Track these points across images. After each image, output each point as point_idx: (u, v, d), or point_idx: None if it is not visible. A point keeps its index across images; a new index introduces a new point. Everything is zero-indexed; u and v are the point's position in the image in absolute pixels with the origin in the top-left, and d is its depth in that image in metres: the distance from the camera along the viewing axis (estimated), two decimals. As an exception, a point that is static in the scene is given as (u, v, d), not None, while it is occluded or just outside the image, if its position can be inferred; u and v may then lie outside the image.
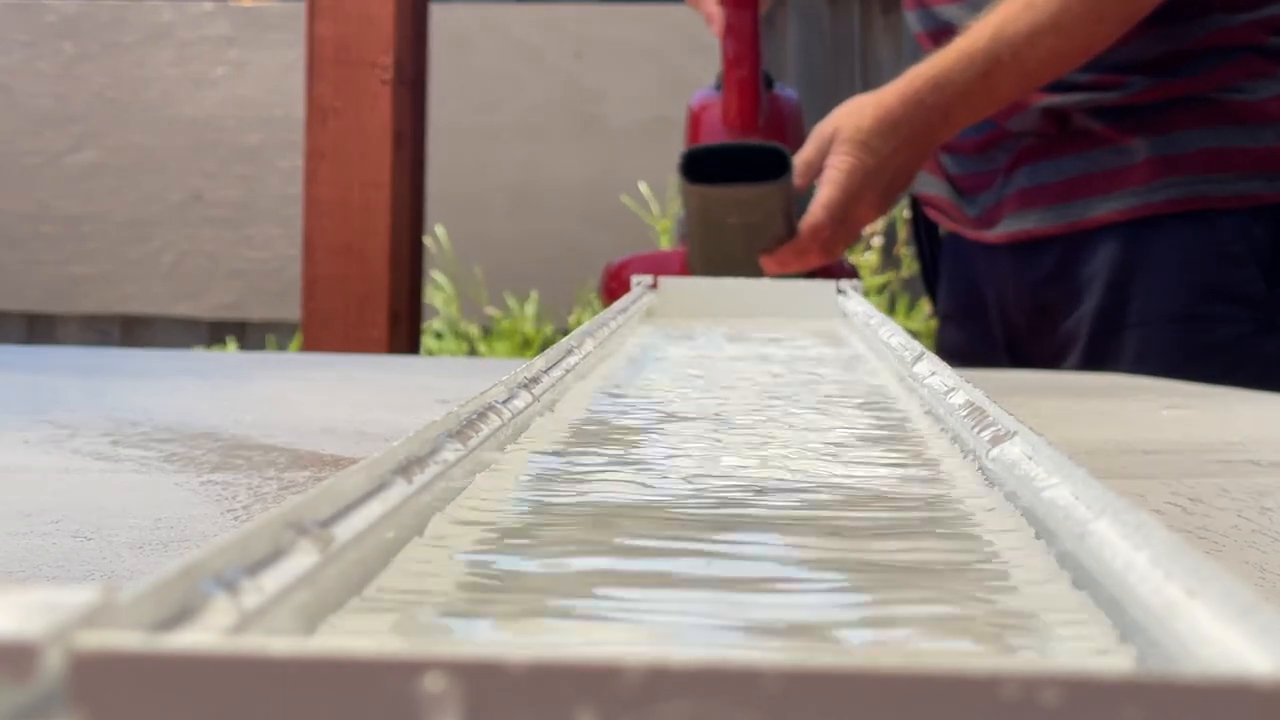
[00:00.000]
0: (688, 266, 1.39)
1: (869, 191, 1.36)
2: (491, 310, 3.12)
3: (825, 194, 1.36)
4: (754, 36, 1.46)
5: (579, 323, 3.02)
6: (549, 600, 0.36)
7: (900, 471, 0.54)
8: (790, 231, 1.35)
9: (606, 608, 0.35)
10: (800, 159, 1.38)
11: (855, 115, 1.37)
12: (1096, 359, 1.39)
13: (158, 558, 0.53)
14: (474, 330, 3.16)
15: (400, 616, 0.34)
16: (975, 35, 1.34)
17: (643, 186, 3.09)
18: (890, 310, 3.00)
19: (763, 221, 1.35)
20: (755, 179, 1.35)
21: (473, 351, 3.15)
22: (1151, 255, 1.39)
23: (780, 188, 1.34)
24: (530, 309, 3.10)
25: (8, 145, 3.32)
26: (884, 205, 1.40)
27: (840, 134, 1.37)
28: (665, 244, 2.98)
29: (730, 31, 1.46)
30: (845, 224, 1.37)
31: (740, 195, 1.35)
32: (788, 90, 1.56)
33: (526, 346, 3.07)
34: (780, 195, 1.35)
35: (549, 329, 3.11)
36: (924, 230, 1.63)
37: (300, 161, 1.97)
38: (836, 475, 0.53)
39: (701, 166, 1.36)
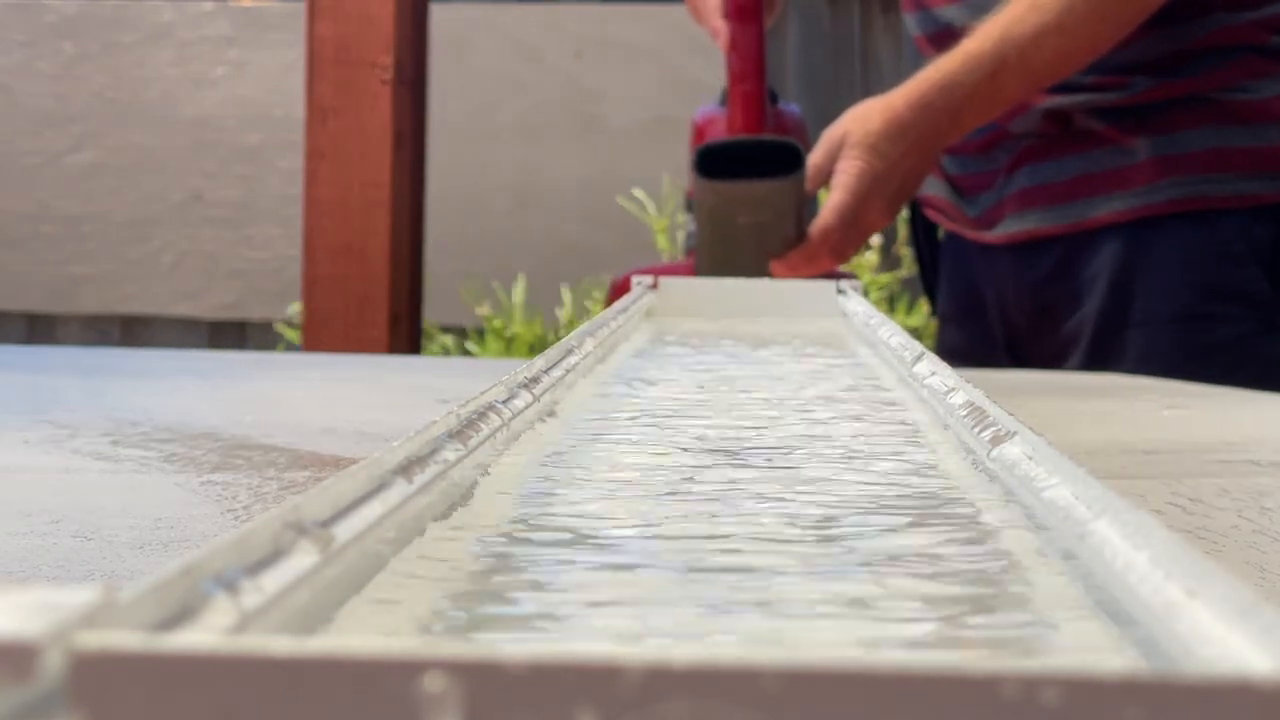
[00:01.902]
0: (696, 272, 1.39)
1: (878, 196, 1.36)
2: (482, 310, 3.11)
3: (835, 198, 1.36)
4: (759, 51, 1.46)
5: (571, 322, 3.01)
6: None
7: None
8: (800, 235, 1.35)
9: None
10: (809, 164, 1.38)
11: (864, 120, 1.37)
12: (1098, 359, 1.39)
13: (158, 558, 0.53)
14: (460, 335, 3.16)
15: None
16: (981, 38, 1.34)
17: (637, 192, 3.08)
18: (889, 310, 3.00)
19: (773, 222, 1.35)
20: (769, 173, 1.35)
21: (465, 354, 3.14)
22: (1153, 255, 1.39)
23: (793, 184, 1.34)
24: (517, 307, 3.09)
25: (8, 145, 3.32)
26: (893, 209, 1.40)
27: (849, 138, 1.37)
28: (663, 243, 2.98)
29: (735, 46, 1.46)
30: (855, 228, 1.37)
31: (753, 191, 1.35)
32: (791, 105, 1.56)
33: (521, 347, 3.06)
34: (792, 192, 1.35)
35: (545, 329, 3.10)
36: (922, 231, 1.63)
37: (300, 161, 1.97)
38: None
39: (714, 166, 1.36)
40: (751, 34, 1.45)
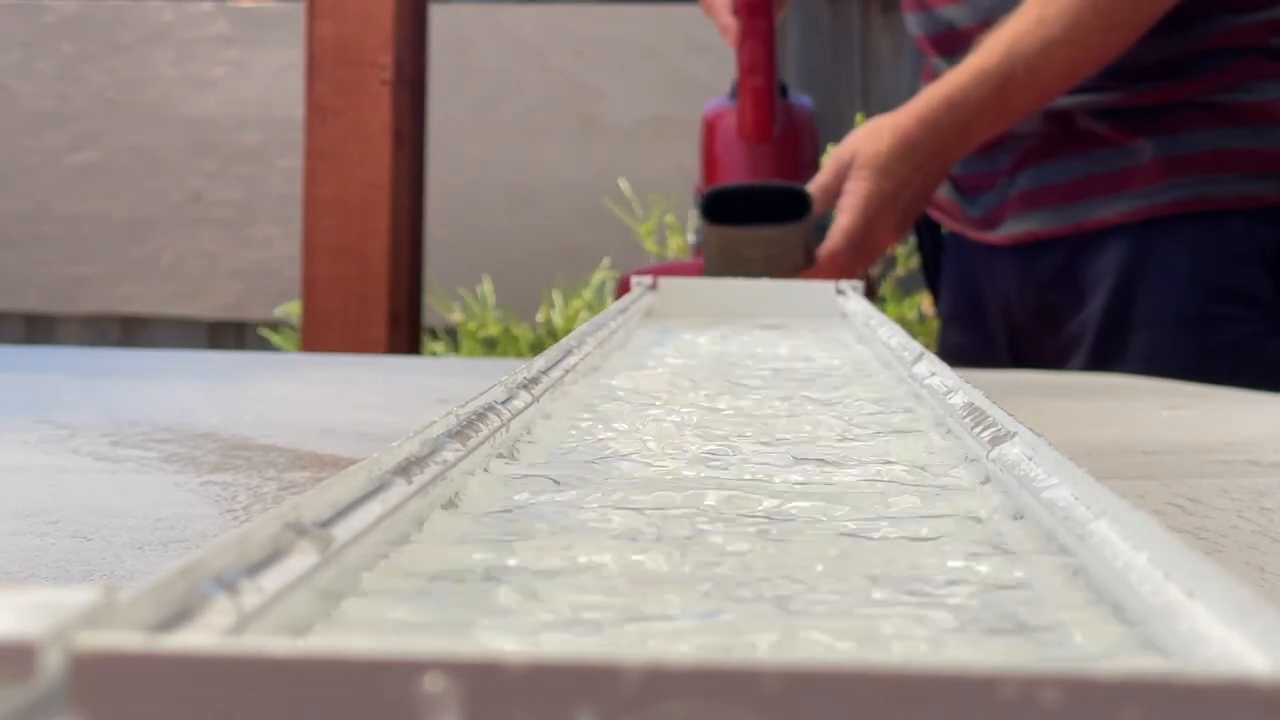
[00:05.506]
0: None
1: (887, 216, 1.36)
2: (454, 315, 3.10)
3: (844, 221, 1.36)
4: (769, 46, 1.46)
5: (547, 321, 3.01)
6: None
7: None
8: (809, 260, 1.35)
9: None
10: (817, 184, 1.38)
11: (873, 139, 1.37)
12: (1102, 361, 1.39)
13: (158, 558, 0.53)
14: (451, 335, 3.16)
15: None
16: (988, 52, 1.33)
17: (623, 183, 3.08)
18: (880, 305, 2.99)
19: (782, 256, 1.35)
20: (776, 210, 1.35)
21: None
22: (1158, 257, 1.39)
23: (800, 227, 1.34)
24: (488, 310, 3.07)
25: (8, 145, 3.32)
26: (902, 229, 1.40)
27: (858, 159, 1.37)
28: (651, 246, 2.97)
29: (745, 40, 1.46)
30: (863, 250, 1.37)
31: (761, 235, 1.35)
32: (802, 98, 1.56)
33: (492, 346, 3.05)
34: (799, 234, 1.35)
35: (537, 331, 3.10)
36: (926, 229, 1.62)
37: (300, 161, 1.97)
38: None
39: (722, 208, 1.36)
40: (761, 28, 1.45)
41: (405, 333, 1.97)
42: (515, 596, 0.33)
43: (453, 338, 3.13)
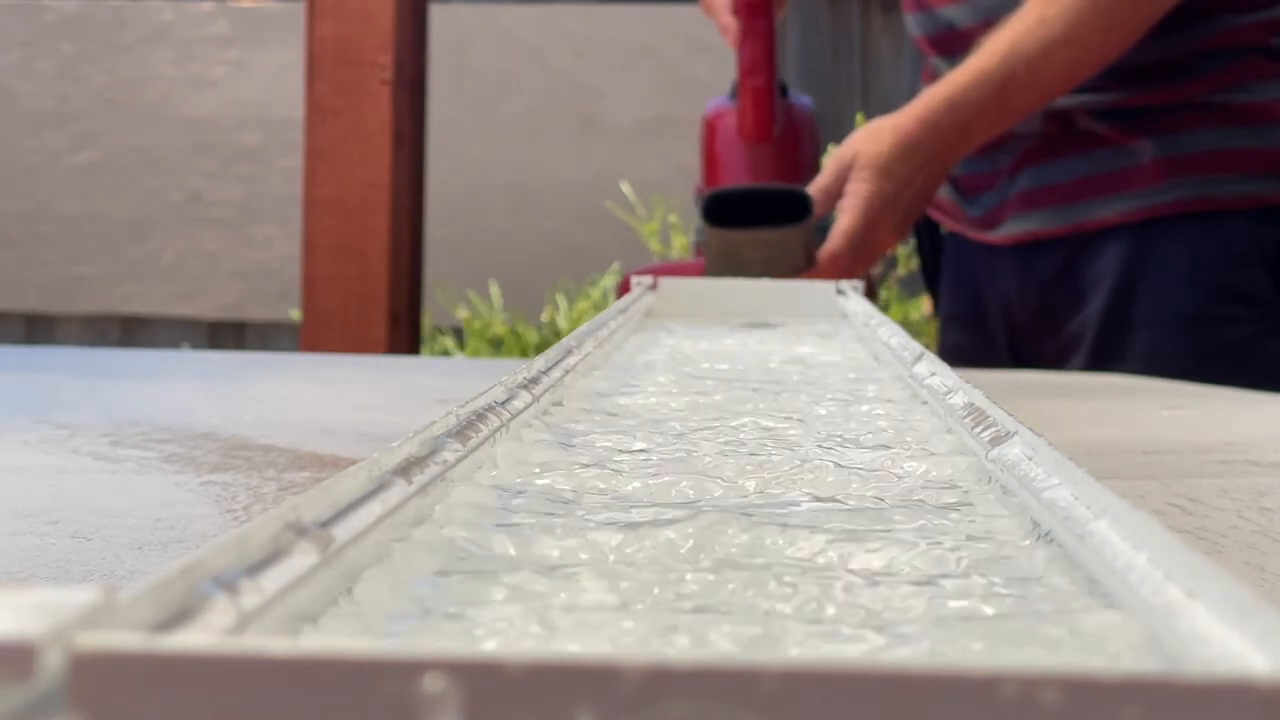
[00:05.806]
0: None
1: (888, 217, 1.36)
2: (462, 313, 3.10)
3: (845, 222, 1.36)
4: (769, 46, 1.46)
5: (552, 321, 3.01)
6: None
7: None
8: (809, 261, 1.35)
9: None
10: (818, 186, 1.38)
11: (874, 140, 1.37)
12: (1101, 361, 1.39)
13: (158, 558, 0.53)
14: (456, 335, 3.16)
15: None
16: (988, 53, 1.33)
17: (625, 187, 3.08)
18: (883, 308, 2.99)
19: (782, 258, 1.35)
20: (777, 212, 1.35)
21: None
22: (1158, 257, 1.39)
23: (801, 229, 1.35)
24: (495, 310, 3.07)
25: (8, 145, 3.32)
26: (903, 229, 1.40)
27: (859, 160, 1.37)
28: (655, 246, 2.98)
29: (746, 40, 1.46)
30: (863, 251, 1.37)
31: (761, 238, 1.35)
32: (803, 98, 1.56)
33: (498, 346, 3.04)
34: (800, 236, 1.35)
35: (540, 331, 3.10)
36: (925, 229, 1.62)
37: (300, 161, 1.97)
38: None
39: (723, 204, 1.36)
40: (761, 28, 1.45)
41: (405, 333, 1.97)
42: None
43: (458, 336, 3.13)
